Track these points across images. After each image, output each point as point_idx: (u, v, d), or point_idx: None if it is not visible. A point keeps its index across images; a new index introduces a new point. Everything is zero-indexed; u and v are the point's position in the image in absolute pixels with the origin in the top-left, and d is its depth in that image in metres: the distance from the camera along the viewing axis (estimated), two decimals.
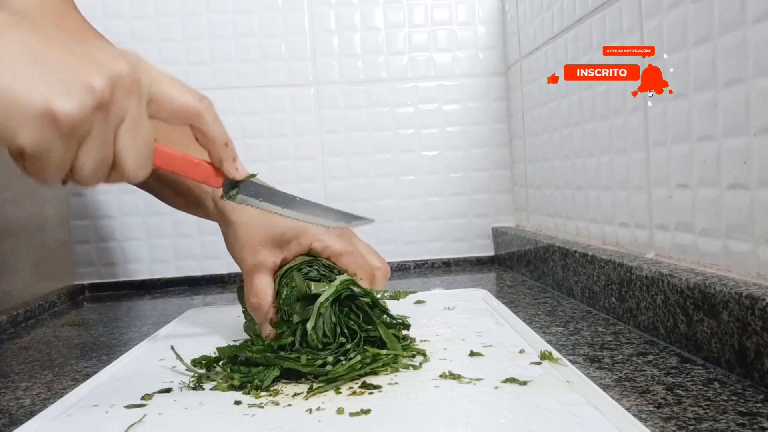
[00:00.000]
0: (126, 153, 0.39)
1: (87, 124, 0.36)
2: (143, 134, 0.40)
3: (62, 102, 0.35)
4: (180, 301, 1.01)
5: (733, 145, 0.52)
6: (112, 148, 0.39)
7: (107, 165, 0.39)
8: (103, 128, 0.37)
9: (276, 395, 0.46)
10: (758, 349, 0.45)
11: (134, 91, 0.39)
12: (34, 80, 0.34)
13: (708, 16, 0.54)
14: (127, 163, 0.40)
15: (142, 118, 0.40)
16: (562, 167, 0.91)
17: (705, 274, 0.53)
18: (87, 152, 0.37)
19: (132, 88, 0.38)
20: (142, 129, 0.40)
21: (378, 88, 1.19)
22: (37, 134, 0.35)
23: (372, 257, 0.61)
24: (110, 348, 0.71)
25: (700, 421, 0.40)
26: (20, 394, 0.55)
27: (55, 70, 0.35)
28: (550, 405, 0.41)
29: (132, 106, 0.39)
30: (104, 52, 0.38)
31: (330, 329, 0.51)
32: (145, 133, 0.40)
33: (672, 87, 0.60)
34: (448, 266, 1.20)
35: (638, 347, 0.57)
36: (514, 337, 0.58)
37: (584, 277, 0.75)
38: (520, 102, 1.11)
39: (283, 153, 1.17)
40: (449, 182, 1.20)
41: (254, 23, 1.17)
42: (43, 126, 0.35)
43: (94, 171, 0.39)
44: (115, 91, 0.37)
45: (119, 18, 1.15)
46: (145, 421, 0.42)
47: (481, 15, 1.19)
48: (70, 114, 0.35)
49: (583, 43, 0.80)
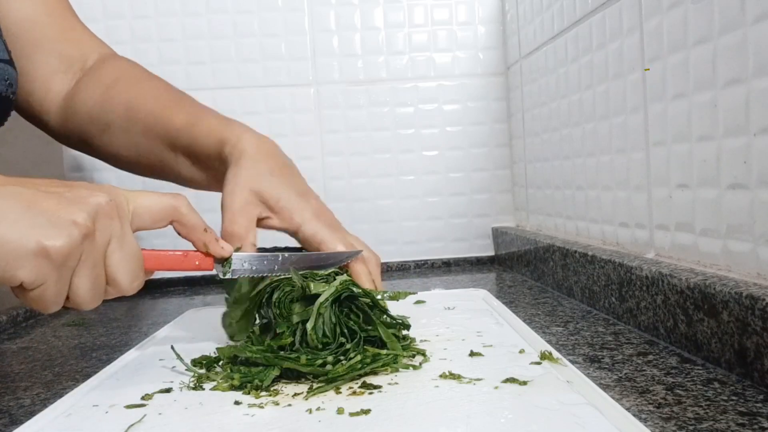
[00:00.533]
0: (117, 269, 0.45)
1: (77, 253, 0.42)
2: (130, 249, 0.45)
3: (53, 239, 0.40)
4: (180, 301, 1.01)
5: (733, 145, 0.52)
6: (104, 268, 0.44)
7: (102, 284, 0.45)
8: (92, 253, 0.43)
9: (276, 395, 0.46)
10: (758, 349, 0.45)
11: (115, 215, 0.44)
12: (27, 225, 0.40)
13: (708, 16, 0.54)
14: (120, 278, 0.45)
15: (127, 235, 0.45)
16: (562, 167, 0.91)
17: (705, 274, 0.53)
18: (81, 277, 0.43)
19: (112, 213, 0.44)
20: (127, 245, 0.45)
21: (378, 88, 1.19)
22: (34, 269, 0.40)
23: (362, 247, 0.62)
24: (110, 348, 0.71)
25: (700, 421, 0.40)
26: (20, 394, 0.55)
27: (44, 213, 0.40)
28: (550, 405, 0.41)
29: (115, 228, 0.44)
30: (84, 189, 0.44)
31: (330, 329, 0.51)
32: (132, 248, 0.46)
33: (672, 87, 0.60)
34: (448, 266, 1.20)
35: (638, 347, 0.57)
36: (514, 337, 0.58)
37: (584, 277, 0.75)
38: (520, 102, 1.11)
39: None
40: (449, 182, 1.20)
41: (254, 23, 1.17)
42: (39, 261, 0.40)
43: (90, 292, 0.44)
44: (98, 220, 0.43)
45: (119, 18, 1.15)
46: (145, 421, 0.42)
47: (481, 15, 1.19)
48: (60, 247, 0.40)
49: (583, 43, 0.80)
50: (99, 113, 0.69)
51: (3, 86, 0.63)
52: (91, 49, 0.73)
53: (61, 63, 0.71)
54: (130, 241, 0.45)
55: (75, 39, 0.73)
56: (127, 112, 0.67)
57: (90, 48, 0.73)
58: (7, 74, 0.64)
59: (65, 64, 0.71)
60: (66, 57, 0.71)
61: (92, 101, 0.69)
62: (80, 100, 0.70)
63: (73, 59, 0.72)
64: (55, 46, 0.71)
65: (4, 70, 0.64)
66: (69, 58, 0.72)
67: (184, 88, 0.71)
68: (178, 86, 0.71)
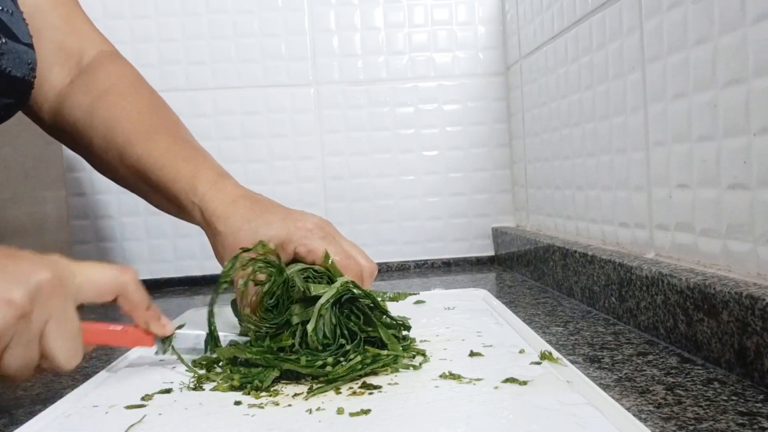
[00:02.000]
0: (54, 347, 0.43)
1: (9, 333, 0.40)
2: (69, 328, 0.44)
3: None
4: (180, 301, 1.01)
5: (733, 145, 0.52)
6: (38, 346, 0.42)
7: (34, 361, 0.43)
8: (27, 333, 0.41)
9: (276, 395, 0.46)
10: (758, 349, 0.45)
11: (57, 293, 0.42)
12: None
13: (708, 16, 0.54)
14: (57, 356, 0.43)
15: (67, 313, 0.43)
16: (562, 167, 0.91)
17: (705, 274, 0.53)
18: (12, 355, 0.41)
19: (54, 291, 0.42)
20: (68, 323, 0.43)
21: (378, 88, 1.19)
22: None
23: (358, 256, 0.60)
24: (110, 348, 0.71)
25: (700, 421, 0.40)
26: (20, 394, 0.55)
27: None
28: (550, 405, 0.41)
29: (56, 306, 0.42)
30: (27, 263, 0.42)
31: (330, 331, 0.51)
32: (72, 326, 0.44)
33: (672, 87, 0.60)
34: (448, 266, 1.20)
35: (638, 347, 0.57)
36: (514, 337, 0.58)
37: (584, 277, 0.75)
38: (520, 102, 1.11)
39: (283, 153, 1.17)
40: (449, 182, 1.20)
41: (254, 23, 1.17)
42: None
43: (20, 368, 0.42)
44: (36, 299, 0.41)
45: (119, 18, 1.15)
46: (145, 421, 0.42)
47: (481, 15, 1.19)
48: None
49: (583, 43, 0.80)
50: (83, 128, 0.68)
51: (26, 70, 0.63)
52: (90, 44, 0.72)
53: (58, 55, 0.70)
54: (70, 319, 0.44)
55: (76, 30, 0.72)
56: (107, 132, 0.66)
57: (89, 42, 0.72)
58: (30, 58, 0.63)
59: (63, 56, 0.70)
60: (64, 49, 0.70)
61: (79, 112, 0.68)
62: (69, 107, 0.69)
63: (71, 52, 0.71)
64: (55, 35, 0.70)
65: (27, 53, 0.63)
66: (67, 50, 0.70)
67: (184, 88, 0.71)
68: (177, 86, 0.71)
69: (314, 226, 0.59)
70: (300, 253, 0.58)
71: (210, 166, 0.64)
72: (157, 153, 0.64)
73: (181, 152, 0.65)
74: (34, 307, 0.41)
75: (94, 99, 0.68)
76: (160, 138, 0.66)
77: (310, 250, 0.58)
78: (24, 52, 0.63)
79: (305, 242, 0.58)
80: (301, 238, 0.58)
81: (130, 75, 0.72)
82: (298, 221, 0.59)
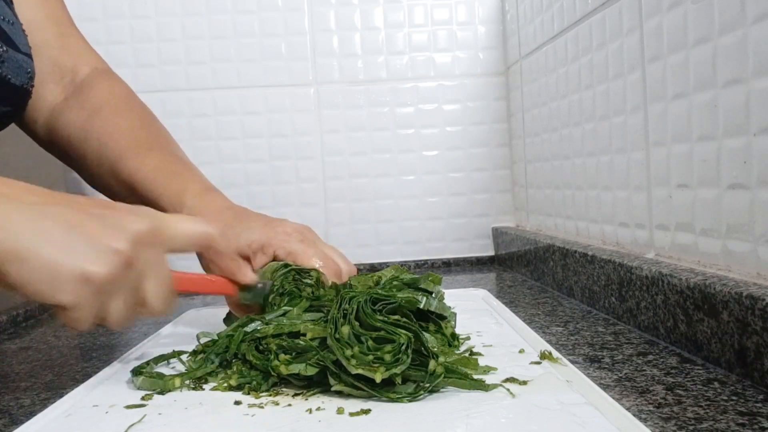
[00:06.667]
0: (152, 294, 0.45)
1: (117, 281, 0.42)
2: (164, 275, 0.46)
3: (94, 266, 0.41)
4: (180, 301, 1.01)
5: (733, 145, 0.52)
6: (138, 293, 0.45)
7: (135, 308, 0.45)
8: (131, 281, 0.44)
9: (276, 395, 0.46)
10: (758, 349, 0.45)
11: (154, 242, 0.45)
12: (70, 249, 0.40)
13: (708, 16, 0.54)
14: (154, 303, 0.46)
15: (162, 262, 0.46)
16: (562, 167, 0.91)
17: (705, 274, 0.53)
18: (118, 303, 0.44)
19: (151, 240, 0.45)
20: (162, 271, 0.46)
21: (378, 88, 1.19)
22: (74, 294, 0.41)
23: (337, 258, 0.63)
24: (110, 348, 0.71)
25: (700, 421, 0.40)
26: (20, 394, 0.55)
27: (87, 238, 0.41)
28: (550, 405, 0.41)
29: (153, 255, 0.45)
30: (125, 213, 0.44)
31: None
32: (166, 274, 0.47)
33: (672, 87, 0.60)
34: (448, 266, 1.20)
35: (638, 347, 0.57)
36: (513, 337, 0.58)
37: (584, 277, 0.75)
38: (520, 102, 1.11)
39: (283, 153, 1.17)
40: (449, 182, 1.20)
41: (254, 23, 1.17)
42: (79, 286, 0.41)
43: (124, 315, 0.45)
44: (138, 248, 0.43)
45: (119, 18, 1.14)
46: (145, 421, 0.42)
47: (481, 15, 1.19)
48: (102, 275, 0.41)
49: (583, 43, 0.80)
50: (77, 143, 0.69)
51: (25, 78, 0.64)
52: (84, 61, 0.73)
53: (53, 72, 0.71)
54: (165, 268, 0.46)
55: (70, 47, 0.73)
56: (100, 148, 0.68)
57: (83, 59, 0.73)
58: (29, 67, 0.65)
59: (57, 73, 0.72)
60: (59, 66, 0.72)
61: (73, 127, 0.69)
62: (64, 123, 0.70)
63: (65, 70, 0.72)
64: (50, 52, 0.71)
65: (26, 62, 0.64)
66: (61, 67, 0.72)
67: (184, 88, 0.71)
68: (177, 86, 0.71)
69: (293, 231, 0.63)
70: (279, 255, 0.61)
71: (197, 181, 0.66)
72: (147, 168, 0.66)
73: (170, 167, 0.67)
74: (136, 255, 0.43)
75: (88, 116, 0.69)
76: (151, 154, 0.67)
77: (290, 252, 0.60)
78: (23, 61, 0.64)
79: (284, 245, 0.61)
80: (281, 241, 0.61)
81: (122, 92, 0.74)
82: (278, 227, 0.63)
